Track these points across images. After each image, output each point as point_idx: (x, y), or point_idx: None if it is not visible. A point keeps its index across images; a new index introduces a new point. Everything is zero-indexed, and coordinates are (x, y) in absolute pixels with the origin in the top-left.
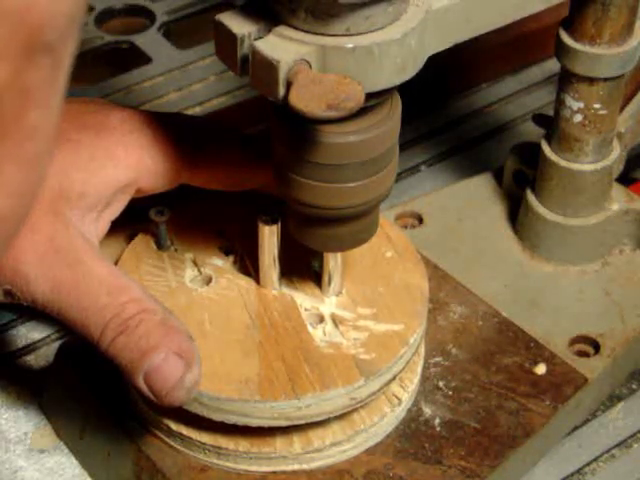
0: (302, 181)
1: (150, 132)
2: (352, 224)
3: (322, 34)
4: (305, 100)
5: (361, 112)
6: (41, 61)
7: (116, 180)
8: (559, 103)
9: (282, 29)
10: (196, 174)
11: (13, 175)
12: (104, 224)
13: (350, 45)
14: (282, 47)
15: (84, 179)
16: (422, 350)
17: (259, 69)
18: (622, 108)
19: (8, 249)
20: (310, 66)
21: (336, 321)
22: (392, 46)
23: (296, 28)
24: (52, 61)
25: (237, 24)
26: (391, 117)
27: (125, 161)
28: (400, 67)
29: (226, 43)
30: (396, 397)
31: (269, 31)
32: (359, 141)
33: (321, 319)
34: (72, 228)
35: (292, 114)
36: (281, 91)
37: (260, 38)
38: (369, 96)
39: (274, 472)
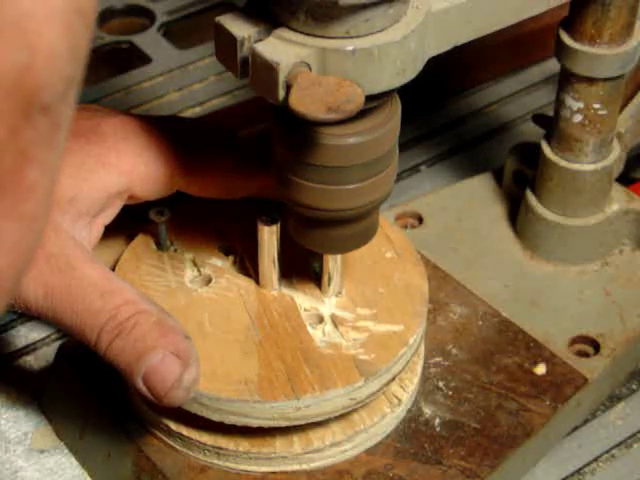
0: (302, 183)
1: (144, 139)
2: (352, 226)
3: (322, 36)
4: (305, 103)
5: (361, 114)
6: (38, 121)
7: (108, 186)
8: (559, 103)
9: (282, 31)
10: (191, 181)
11: (11, 233)
12: (97, 229)
13: (350, 47)
14: (282, 49)
15: (74, 184)
16: (422, 350)
17: (259, 71)
18: (622, 108)
19: (8, 303)
20: (310, 68)
21: (336, 322)
22: (392, 48)
23: (296, 30)
24: (50, 121)
25: (237, 26)
26: (391, 119)
27: (118, 167)
28: (400, 69)
29: (226, 45)
30: (396, 397)
31: (269, 33)
32: (359, 143)
33: (321, 319)
34: (63, 233)
35: (292, 116)
36: (281, 93)
37: (260, 40)
38: (369, 98)
39: (274, 472)
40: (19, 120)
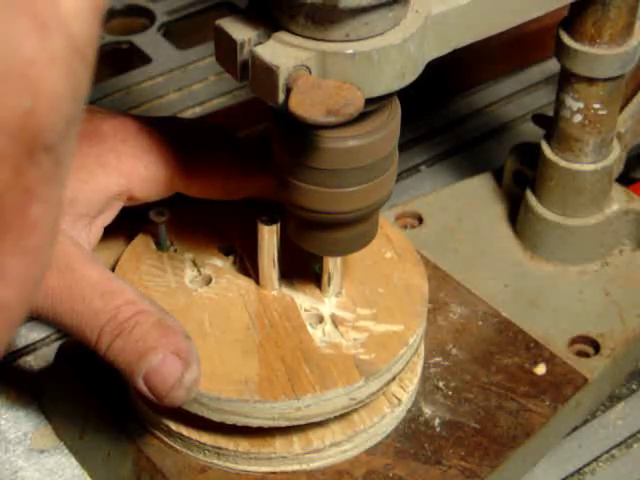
0: (302, 186)
1: (144, 140)
2: (352, 229)
3: (322, 40)
4: (305, 106)
5: (361, 117)
6: (42, 161)
7: (108, 187)
8: (559, 103)
9: (282, 35)
10: (191, 183)
11: (17, 267)
12: (97, 230)
13: (350, 51)
14: (282, 53)
15: (74, 186)
16: (422, 350)
17: (259, 74)
18: (622, 108)
19: (13, 334)
20: (310, 72)
21: (336, 321)
22: (392, 52)
23: (296, 34)
24: (53, 159)
25: (237, 29)
26: (390, 122)
27: (117, 169)
28: (400, 73)
29: (226, 48)
30: (396, 397)
31: (269, 37)
32: (359, 146)
33: (321, 319)
34: (62, 234)
35: (292, 119)
36: (281, 97)
37: (260, 44)
38: (369, 101)
39: (274, 472)
40: (23, 161)
